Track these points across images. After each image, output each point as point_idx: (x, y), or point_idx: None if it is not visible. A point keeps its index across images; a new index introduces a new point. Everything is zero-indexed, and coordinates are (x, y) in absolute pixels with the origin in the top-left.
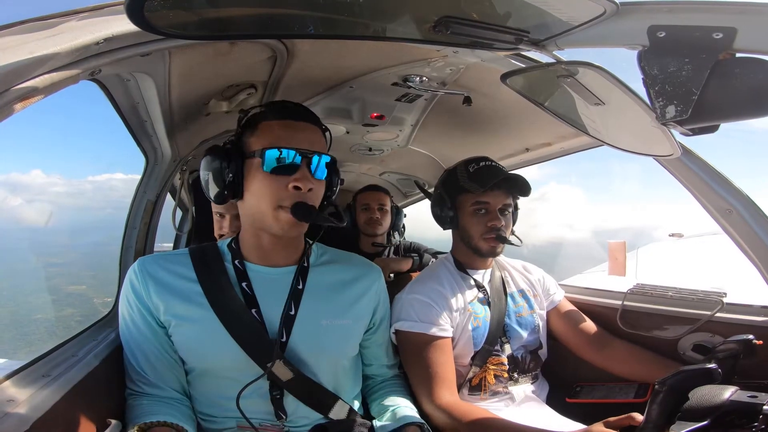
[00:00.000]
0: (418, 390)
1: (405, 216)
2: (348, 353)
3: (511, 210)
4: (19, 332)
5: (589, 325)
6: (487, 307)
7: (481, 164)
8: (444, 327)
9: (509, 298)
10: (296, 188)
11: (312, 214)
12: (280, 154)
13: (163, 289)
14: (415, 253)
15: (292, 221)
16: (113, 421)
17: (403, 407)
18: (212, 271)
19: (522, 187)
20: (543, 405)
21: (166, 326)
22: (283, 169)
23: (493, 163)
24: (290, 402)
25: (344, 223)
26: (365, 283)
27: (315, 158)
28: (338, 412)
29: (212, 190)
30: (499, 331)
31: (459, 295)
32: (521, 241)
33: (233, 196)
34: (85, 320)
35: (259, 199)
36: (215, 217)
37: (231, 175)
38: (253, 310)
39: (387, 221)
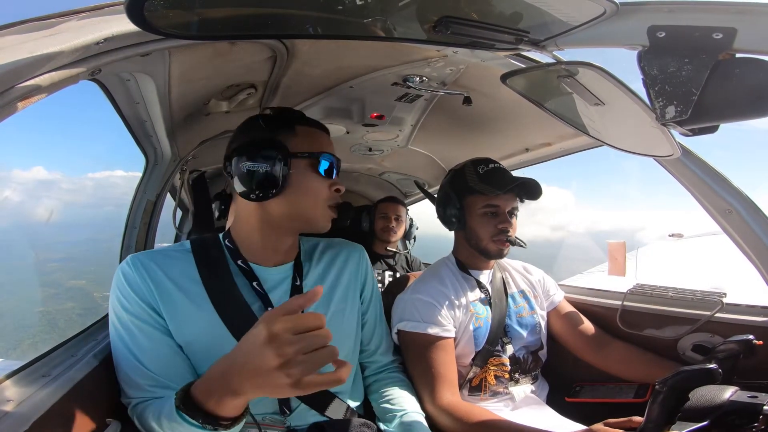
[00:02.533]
0: (420, 390)
1: (417, 228)
2: (348, 341)
3: (517, 212)
4: (22, 324)
5: (588, 326)
6: (488, 308)
7: (490, 166)
8: (447, 327)
9: (510, 299)
10: (338, 190)
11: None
12: (330, 159)
13: (162, 287)
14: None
15: (332, 218)
16: (113, 421)
17: (411, 413)
18: (216, 270)
19: (534, 192)
20: (543, 405)
21: (166, 323)
22: (332, 173)
23: (500, 166)
24: (294, 398)
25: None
26: (351, 264)
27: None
28: (336, 411)
29: (255, 186)
30: (500, 332)
31: (461, 295)
32: (525, 244)
33: (274, 192)
34: (86, 313)
35: (310, 197)
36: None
37: (280, 171)
38: (269, 309)
39: (401, 231)
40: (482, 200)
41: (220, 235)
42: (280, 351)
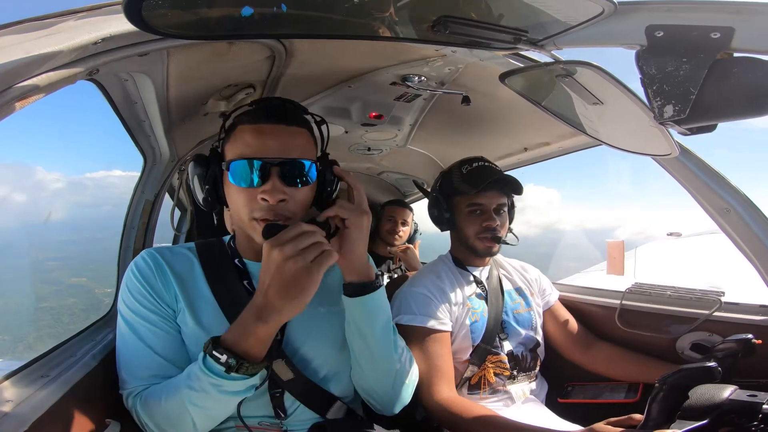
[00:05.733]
0: (418, 383)
1: (420, 234)
2: (342, 340)
3: (506, 209)
4: (28, 319)
5: (576, 327)
6: (484, 303)
7: (474, 165)
8: (443, 320)
9: (506, 296)
10: (264, 200)
11: None
12: (246, 165)
13: (174, 282)
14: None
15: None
16: (112, 421)
17: None
18: (219, 268)
19: (514, 187)
20: (541, 406)
21: (177, 318)
22: (249, 181)
23: (487, 164)
24: (290, 401)
25: (330, 239)
26: None
27: (286, 166)
28: (336, 413)
29: (199, 197)
30: (497, 328)
31: (458, 289)
32: (518, 240)
33: (219, 203)
34: (88, 308)
35: (235, 210)
36: (227, 212)
37: (207, 186)
38: None
39: (406, 235)
40: (466, 200)
41: (226, 237)
42: (281, 250)
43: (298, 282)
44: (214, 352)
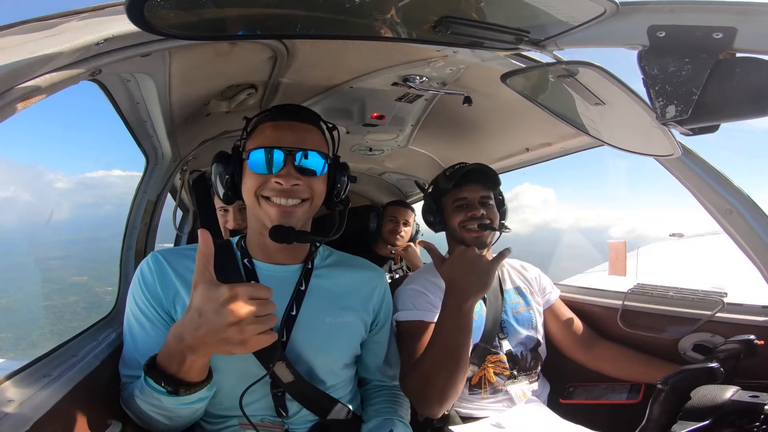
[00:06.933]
0: (402, 366)
1: (422, 234)
2: (350, 351)
3: (492, 201)
4: (30, 317)
5: (580, 325)
6: (482, 302)
7: (456, 167)
8: (437, 312)
9: (505, 295)
10: (278, 183)
11: (291, 235)
12: (264, 153)
13: (176, 284)
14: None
15: (276, 214)
16: (113, 422)
17: (394, 419)
18: (225, 269)
19: (489, 175)
20: (543, 406)
21: (176, 321)
22: (266, 167)
23: (467, 164)
24: (291, 401)
25: (335, 236)
26: (369, 285)
27: (299, 154)
28: (337, 414)
29: (219, 192)
30: (496, 328)
31: None
32: (509, 228)
33: (237, 196)
34: (90, 306)
35: (246, 196)
36: (219, 213)
37: (228, 177)
38: None
39: (408, 236)
40: (451, 197)
41: (235, 238)
42: (237, 311)
43: (230, 345)
44: (151, 380)
